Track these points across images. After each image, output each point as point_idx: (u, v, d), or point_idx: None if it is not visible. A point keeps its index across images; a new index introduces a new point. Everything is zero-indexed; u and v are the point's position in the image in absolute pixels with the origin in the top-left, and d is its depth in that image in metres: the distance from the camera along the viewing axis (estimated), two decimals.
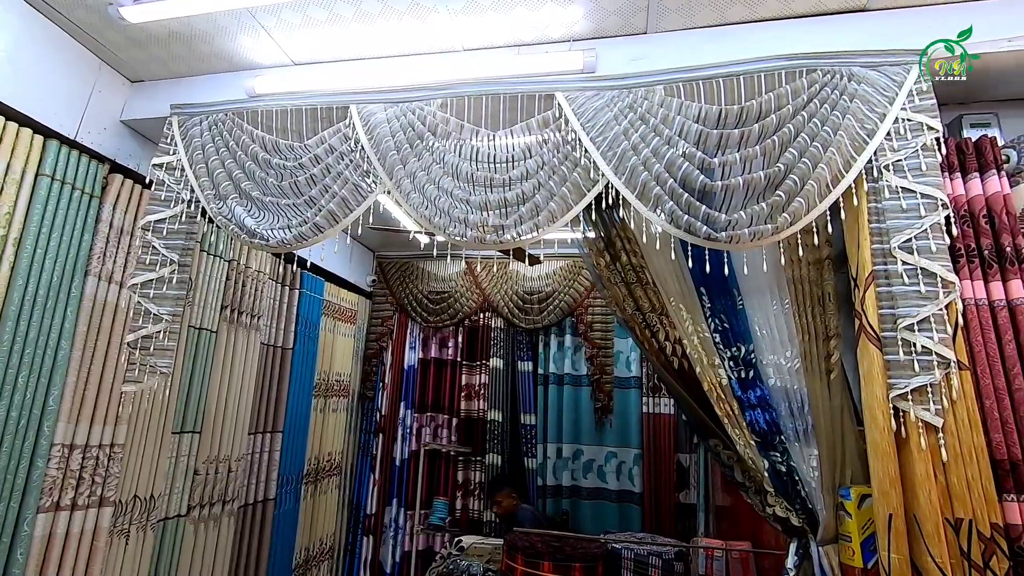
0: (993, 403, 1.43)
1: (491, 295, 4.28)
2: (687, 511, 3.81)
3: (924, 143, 1.60)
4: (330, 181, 1.95)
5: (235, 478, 2.88)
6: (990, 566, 1.33)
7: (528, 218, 1.79)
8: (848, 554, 1.65)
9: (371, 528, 4.05)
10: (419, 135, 1.93)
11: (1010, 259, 1.52)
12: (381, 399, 4.30)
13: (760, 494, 1.80)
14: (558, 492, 3.94)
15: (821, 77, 1.71)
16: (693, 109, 1.75)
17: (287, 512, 3.36)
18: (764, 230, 1.60)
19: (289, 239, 1.92)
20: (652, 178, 1.70)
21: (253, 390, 3.04)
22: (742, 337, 1.86)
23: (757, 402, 1.79)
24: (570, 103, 1.86)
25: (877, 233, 1.59)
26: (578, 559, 1.95)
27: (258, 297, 3.06)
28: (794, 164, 1.63)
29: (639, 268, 2.00)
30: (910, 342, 1.48)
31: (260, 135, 2.07)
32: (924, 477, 1.41)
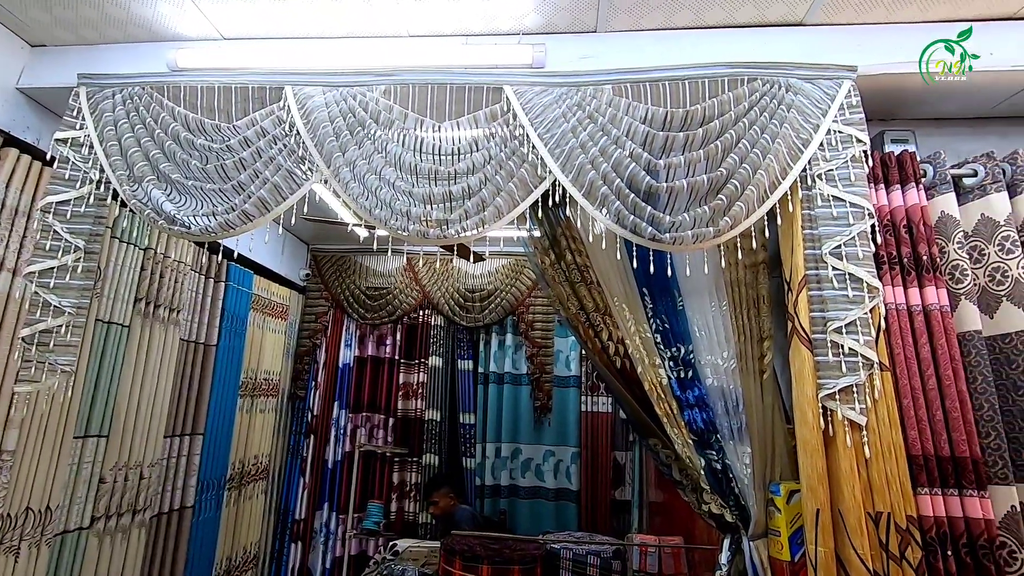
0: (910, 402, 1.52)
1: (432, 292, 4.19)
2: (622, 507, 3.88)
3: (853, 155, 1.68)
4: (261, 166, 1.82)
5: (148, 485, 2.65)
6: (905, 556, 1.40)
7: (474, 213, 1.74)
8: (777, 548, 1.71)
9: (300, 534, 3.87)
10: (360, 122, 1.83)
11: (926, 267, 1.62)
12: (313, 399, 4.11)
13: (696, 492, 1.84)
14: (496, 492, 3.91)
15: (761, 86, 1.76)
16: (640, 110, 1.76)
17: (207, 520, 3.14)
18: (706, 232, 1.63)
19: (214, 227, 1.78)
20: (599, 177, 1.69)
21: (171, 390, 2.81)
22: (682, 338, 1.90)
23: (695, 401, 1.83)
24: (519, 97, 1.82)
25: (810, 239, 1.65)
26: (517, 561, 1.92)
27: (178, 289, 2.83)
28: (735, 169, 1.67)
29: (583, 267, 1.99)
30: (838, 344, 1.55)
31: (183, 113, 1.90)
32: (849, 473, 1.47)
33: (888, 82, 1.90)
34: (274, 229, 1.84)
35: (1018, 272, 1.61)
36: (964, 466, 1.47)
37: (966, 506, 1.45)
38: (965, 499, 1.46)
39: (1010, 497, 1.48)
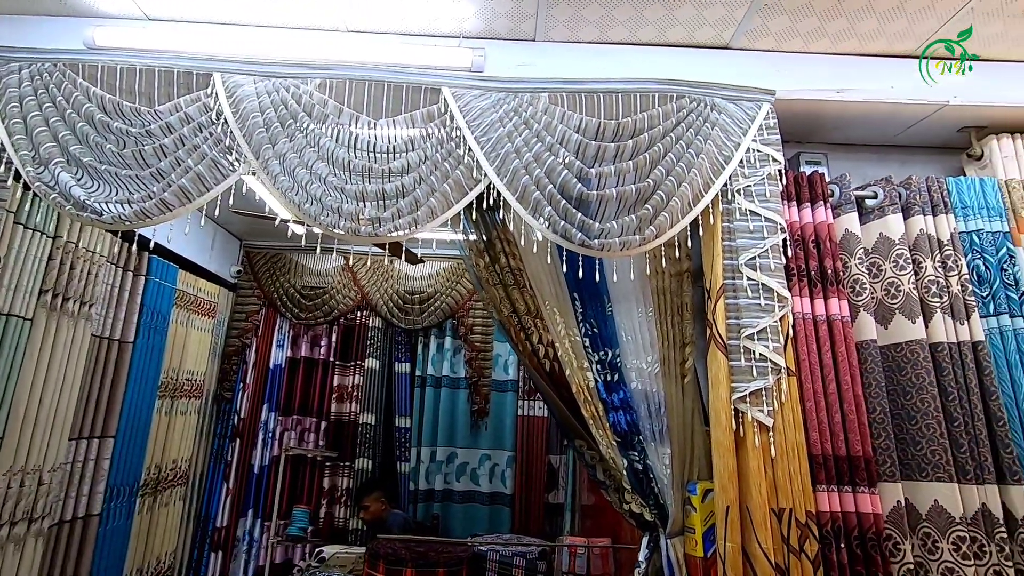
0: (812, 405, 1.63)
1: (370, 293, 4.12)
2: (555, 510, 3.93)
3: (769, 172, 1.80)
4: (184, 154, 1.74)
5: (48, 491, 2.45)
6: (804, 549, 1.50)
7: (407, 212, 1.73)
8: (692, 545, 1.78)
9: (221, 542, 3.69)
10: (293, 115, 1.79)
11: (831, 280, 1.75)
12: (240, 400, 3.94)
13: (618, 492, 1.89)
14: (430, 496, 3.87)
15: (689, 103, 1.85)
16: (575, 120, 1.81)
17: (116, 529, 2.94)
18: (632, 240, 1.69)
19: (128, 215, 1.68)
20: (533, 182, 1.73)
21: (79, 389, 2.62)
22: (610, 342, 1.95)
23: (620, 404, 1.89)
24: (457, 99, 1.83)
25: (729, 250, 1.75)
26: (442, 564, 1.91)
27: (90, 282, 2.65)
28: (662, 181, 1.74)
29: (517, 271, 2.02)
30: (751, 350, 1.64)
31: (99, 94, 1.79)
32: (756, 471, 1.56)
33: (804, 107, 2.04)
34: (197, 221, 1.76)
35: (908, 287, 1.76)
36: (858, 465, 1.59)
37: (859, 502, 1.57)
38: (858, 495, 1.57)
39: (896, 493, 1.61)
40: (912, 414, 1.69)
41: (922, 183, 1.88)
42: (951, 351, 1.70)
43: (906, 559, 1.56)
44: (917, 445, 1.66)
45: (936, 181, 1.89)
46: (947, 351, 1.70)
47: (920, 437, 1.66)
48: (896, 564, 1.56)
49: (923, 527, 1.62)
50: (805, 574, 1.48)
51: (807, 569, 1.48)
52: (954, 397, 1.66)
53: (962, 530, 1.56)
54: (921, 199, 1.85)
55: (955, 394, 1.66)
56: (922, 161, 2.23)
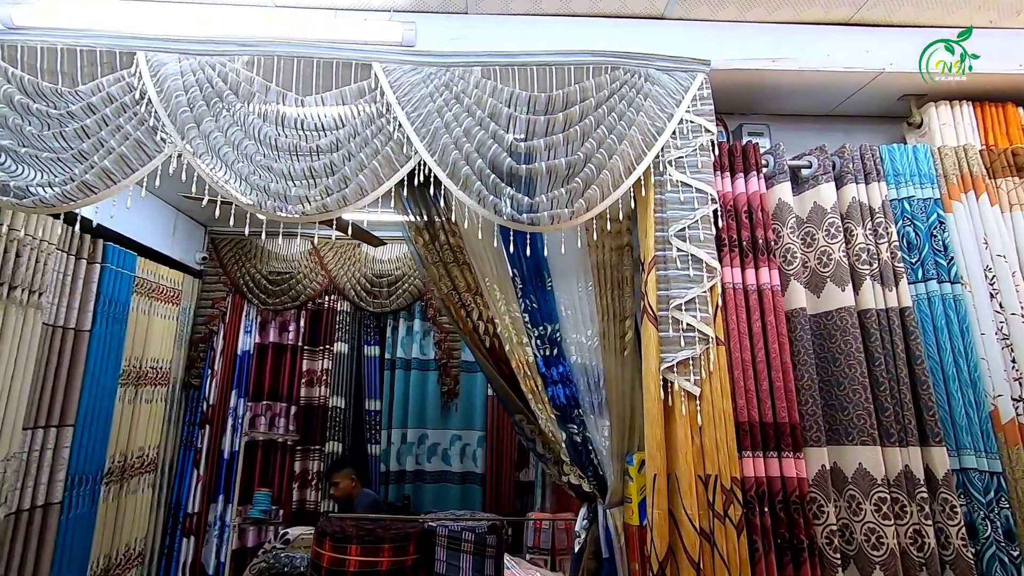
0: (740, 373, 1.65)
1: (337, 277, 4.10)
2: (526, 488, 3.99)
3: (702, 143, 1.79)
4: (107, 135, 1.71)
5: (3, 481, 2.45)
6: (728, 514, 1.53)
7: (336, 190, 1.72)
8: (629, 514, 1.81)
9: (193, 528, 3.70)
10: (218, 93, 1.76)
11: (761, 250, 1.76)
12: (209, 387, 3.93)
13: (557, 464, 1.91)
14: (401, 477, 3.90)
15: (623, 75, 1.83)
16: (505, 93, 1.79)
17: (79, 517, 2.94)
18: (562, 214, 1.69)
19: (50, 198, 1.66)
20: (463, 157, 1.71)
21: (31, 378, 2.60)
22: (549, 317, 1.96)
23: (559, 378, 1.90)
24: (387, 75, 1.81)
25: (660, 222, 1.75)
26: (388, 540, 1.93)
27: (39, 270, 2.61)
28: (592, 153, 1.73)
29: (457, 248, 2.02)
30: (679, 320, 1.65)
31: (18, 75, 1.75)
32: (683, 440, 1.58)
33: (743, 78, 2.03)
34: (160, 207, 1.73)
35: (839, 255, 1.78)
36: (784, 431, 1.61)
37: (783, 467, 1.59)
38: (783, 460, 1.60)
39: (821, 458, 1.64)
40: (840, 380, 1.71)
41: (855, 151, 1.88)
42: (879, 317, 1.72)
43: (829, 520, 1.59)
44: (844, 411, 1.69)
45: (870, 149, 1.89)
46: (875, 317, 1.72)
47: (847, 403, 1.69)
48: (820, 526, 1.59)
49: (849, 490, 1.65)
50: (729, 537, 1.51)
51: (731, 533, 1.51)
52: (880, 363, 1.69)
53: (883, 491, 1.59)
54: (854, 167, 1.86)
55: (882, 360, 1.69)
56: (865, 131, 2.24)
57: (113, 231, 3.14)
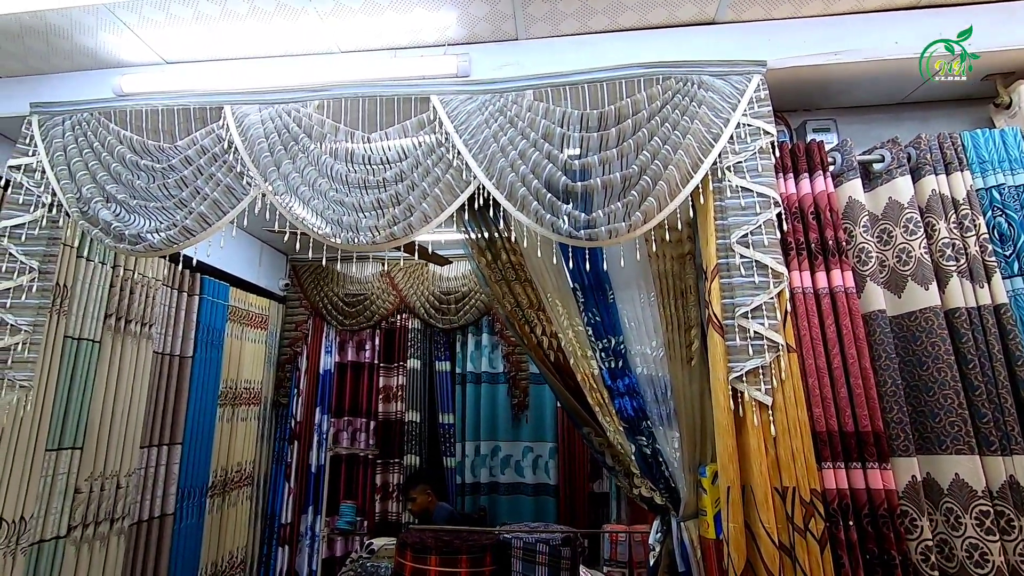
0: (815, 381, 1.58)
1: (408, 296, 4.27)
2: (600, 500, 3.95)
3: (761, 146, 1.75)
4: (202, 183, 1.91)
5: (125, 494, 2.74)
6: (809, 528, 1.47)
7: (402, 219, 1.82)
8: (704, 527, 1.77)
9: (287, 538, 3.96)
10: (294, 137, 1.92)
11: (832, 251, 1.69)
12: (296, 405, 4.21)
13: (628, 477, 1.91)
14: (476, 489, 3.98)
15: (675, 84, 1.83)
16: (558, 113, 1.84)
17: (189, 527, 3.23)
18: (620, 228, 1.70)
19: (157, 243, 1.87)
20: (519, 179, 1.77)
21: (146, 401, 2.91)
22: (613, 329, 1.97)
23: (625, 390, 1.90)
24: (444, 106, 1.90)
25: (721, 229, 1.72)
26: (464, 551, 2.00)
27: (149, 304, 2.93)
28: (647, 165, 1.74)
29: (518, 266, 2.07)
30: (746, 328, 1.61)
31: (128, 136, 1.99)
32: (757, 451, 1.54)
33: (804, 74, 1.97)
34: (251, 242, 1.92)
35: (920, 252, 1.68)
36: (867, 440, 1.53)
37: (868, 478, 1.51)
38: (868, 471, 1.52)
39: (911, 468, 1.54)
40: (929, 385, 1.61)
41: (933, 141, 1.77)
42: (970, 316, 1.61)
43: (924, 536, 1.49)
44: (935, 417, 1.58)
45: (949, 137, 1.78)
46: (965, 317, 1.61)
47: (938, 409, 1.58)
48: (913, 541, 1.50)
49: (945, 502, 1.54)
50: (811, 552, 1.46)
51: (813, 547, 1.46)
52: (975, 365, 1.57)
53: (986, 504, 1.47)
54: (933, 158, 1.75)
55: (976, 362, 1.57)
56: (944, 116, 2.10)
57: (208, 265, 3.46)
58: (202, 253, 3.02)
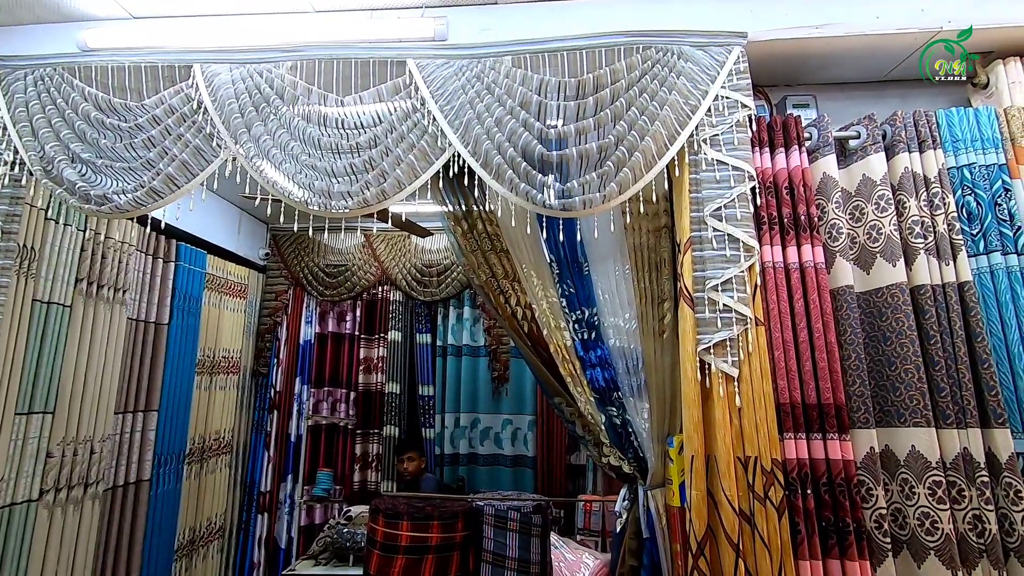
0: (781, 354, 1.61)
1: (389, 268, 4.25)
2: (578, 471, 4.02)
3: (738, 119, 1.74)
4: (170, 144, 1.86)
5: (100, 459, 2.73)
6: (769, 496, 1.51)
7: (375, 184, 1.80)
8: (671, 495, 1.81)
9: (266, 505, 3.99)
10: (266, 98, 1.87)
11: (804, 226, 1.70)
12: (276, 375, 4.20)
13: (597, 446, 1.94)
14: (455, 460, 4.03)
15: (655, 54, 1.81)
16: (535, 81, 1.81)
17: (167, 493, 3.24)
18: (594, 199, 1.69)
19: (123, 204, 1.83)
20: (495, 147, 1.75)
21: (120, 368, 2.88)
22: (587, 301, 1.97)
23: (597, 361, 1.92)
24: (421, 70, 1.86)
25: (695, 202, 1.72)
26: (436, 517, 2.02)
27: (122, 269, 2.88)
28: (624, 136, 1.72)
29: (494, 236, 2.06)
30: (715, 301, 1.63)
31: (93, 93, 1.93)
32: (721, 421, 1.57)
33: (786, 48, 1.95)
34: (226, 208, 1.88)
35: (889, 229, 1.69)
36: (828, 412, 1.57)
37: (828, 448, 1.55)
38: (828, 442, 1.56)
39: (870, 440, 1.58)
40: (892, 360, 1.64)
41: (908, 118, 1.78)
42: (935, 293, 1.63)
43: (879, 504, 1.54)
44: (896, 391, 1.62)
45: (924, 115, 1.78)
46: (930, 293, 1.63)
47: (899, 383, 1.61)
48: (868, 509, 1.54)
49: (901, 473, 1.59)
50: (770, 519, 1.50)
51: (771, 514, 1.50)
52: (936, 341, 1.60)
53: (939, 475, 1.52)
54: (907, 135, 1.76)
55: (937, 338, 1.60)
56: (924, 95, 2.09)
57: (185, 231, 3.40)
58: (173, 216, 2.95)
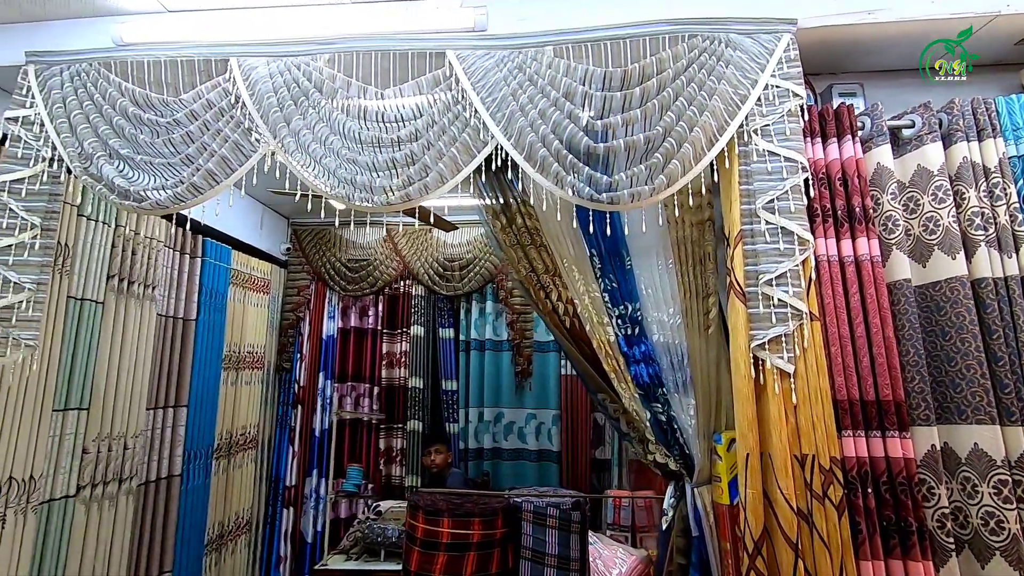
0: (838, 349, 1.57)
1: (411, 263, 4.23)
2: (602, 466, 4.01)
3: (790, 109, 1.70)
4: (208, 139, 1.84)
5: (133, 455, 2.74)
6: (828, 494, 1.47)
7: (417, 179, 1.77)
8: (719, 493, 1.79)
9: (292, 500, 4.00)
10: (304, 92, 1.84)
11: (859, 218, 1.65)
12: (299, 370, 4.20)
13: (642, 443, 1.91)
14: (480, 455, 4.02)
15: (701, 43, 1.76)
16: (579, 71, 1.77)
17: (196, 487, 3.25)
18: (643, 191, 1.66)
19: (164, 200, 1.81)
20: (539, 139, 1.71)
21: (150, 363, 2.88)
22: (630, 296, 1.94)
23: (641, 357, 1.89)
24: (461, 62, 1.83)
25: (746, 194, 1.68)
26: (477, 514, 2.01)
27: (151, 266, 2.87)
28: (672, 127, 1.68)
29: (534, 230, 2.03)
30: (769, 296, 1.59)
31: (130, 88, 1.91)
32: (777, 418, 1.53)
33: (833, 35, 1.89)
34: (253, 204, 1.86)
35: (948, 221, 1.64)
36: (887, 409, 1.53)
37: (888, 446, 1.51)
38: (888, 440, 1.52)
39: (931, 437, 1.54)
40: (952, 355, 1.60)
41: (966, 106, 1.72)
42: (996, 287, 1.59)
43: (941, 503, 1.50)
44: (957, 388, 1.58)
45: (983, 103, 1.72)
46: (992, 287, 1.58)
47: (960, 379, 1.57)
48: (930, 508, 1.51)
49: (963, 471, 1.55)
50: (829, 518, 1.46)
51: (831, 514, 1.46)
52: (999, 336, 1.56)
53: (1004, 473, 1.48)
54: (965, 124, 1.70)
55: (1000, 332, 1.56)
56: (975, 82, 2.01)
57: (210, 227, 3.39)
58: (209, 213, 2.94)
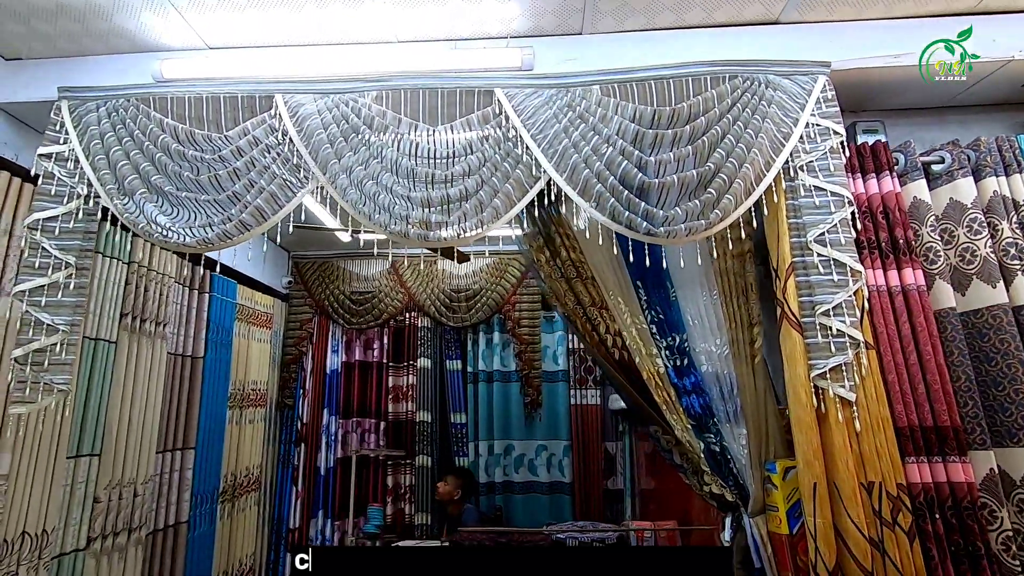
0: (895, 377, 1.62)
1: (417, 294, 4.19)
2: (615, 496, 3.97)
3: (831, 146, 1.77)
4: (256, 175, 1.82)
5: (142, 503, 2.60)
6: (897, 521, 1.50)
7: (473, 215, 1.77)
8: (775, 523, 1.79)
9: (295, 543, 3.83)
10: (354, 128, 1.84)
11: (902, 250, 1.72)
12: (302, 407, 4.08)
13: (697, 474, 1.91)
14: (491, 488, 3.95)
15: (742, 83, 1.84)
16: (629, 109, 1.82)
17: (202, 535, 3.09)
18: (698, 225, 1.70)
19: (211, 238, 1.77)
20: (593, 175, 1.75)
21: (160, 404, 2.76)
22: (676, 327, 1.97)
23: (692, 388, 1.90)
24: (510, 99, 1.86)
25: (795, 227, 1.73)
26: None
27: (163, 302, 2.78)
28: (723, 163, 1.74)
29: (579, 263, 2.05)
30: (827, 326, 1.63)
31: (172, 124, 1.87)
32: (842, 447, 1.56)
33: (858, 75, 2.00)
34: (258, 239, 1.83)
35: (985, 251, 1.73)
36: (946, 434, 1.57)
37: (949, 472, 1.55)
38: (948, 465, 1.56)
39: (988, 461, 1.59)
40: (999, 380, 1.66)
41: (992, 144, 1.83)
42: None
43: (1003, 527, 1.54)
44: (1006, 411, 1.64)
45: (1007, 140, 1.84)
46: None
47: (1008, 403, 1.63)
48: (993, 532, 1.54)
49: (1017, 493, 1.60)
50: (901, 546, 1.48)
51: (903, 541, 1.48)
52: None
53: None
54: (992, 160, 1.81)
55: None
56: (983, 120, 2.17)
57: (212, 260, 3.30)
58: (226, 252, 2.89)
